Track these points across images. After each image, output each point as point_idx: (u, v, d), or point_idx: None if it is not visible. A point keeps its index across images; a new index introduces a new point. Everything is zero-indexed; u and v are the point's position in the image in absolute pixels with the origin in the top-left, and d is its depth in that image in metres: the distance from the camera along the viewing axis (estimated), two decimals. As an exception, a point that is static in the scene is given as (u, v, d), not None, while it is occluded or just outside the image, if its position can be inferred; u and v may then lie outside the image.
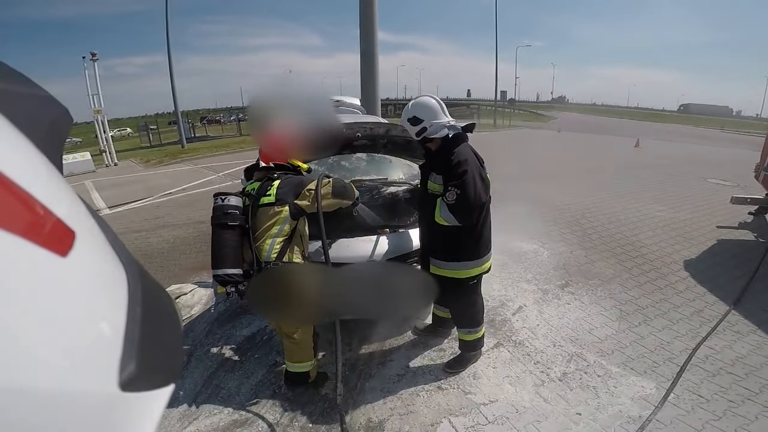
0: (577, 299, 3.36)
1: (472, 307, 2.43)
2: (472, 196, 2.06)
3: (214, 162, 12.60)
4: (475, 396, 2.32)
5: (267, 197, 2.10)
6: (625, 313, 3.15)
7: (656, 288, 3.55)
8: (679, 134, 24.69)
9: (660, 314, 3.13)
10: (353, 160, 3.54)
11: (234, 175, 9.91)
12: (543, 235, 4.74)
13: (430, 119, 2.16)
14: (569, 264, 4.02)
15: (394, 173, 3.52)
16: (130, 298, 0.42)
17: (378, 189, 3.17)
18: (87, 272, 0.37)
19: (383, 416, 2.20)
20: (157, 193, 8.34)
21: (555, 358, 2.62)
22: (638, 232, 4.95)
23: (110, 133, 14.90)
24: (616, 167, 9.77)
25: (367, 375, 2.52)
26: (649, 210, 5.91)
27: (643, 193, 6.94)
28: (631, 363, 2.57)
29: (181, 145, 18.21)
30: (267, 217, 2.11)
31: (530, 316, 3.08)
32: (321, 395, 2.36)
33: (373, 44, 10.49)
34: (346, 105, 7.54)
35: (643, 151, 13.42)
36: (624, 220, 5.42)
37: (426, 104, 2.19)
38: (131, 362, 0.37)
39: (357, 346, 2.78)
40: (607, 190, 7.21)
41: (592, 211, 5.84)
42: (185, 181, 9.67)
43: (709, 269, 3.92)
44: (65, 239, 0.34)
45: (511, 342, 2.78)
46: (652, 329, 2.93)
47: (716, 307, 3.23)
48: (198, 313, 3.29)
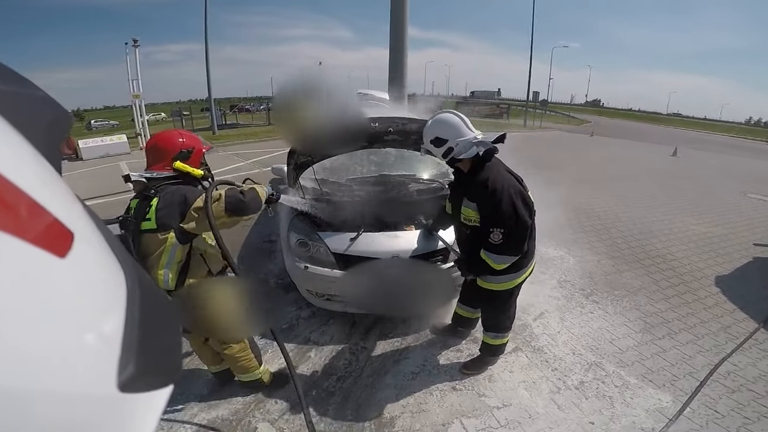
0: (601, 309, 3.29)
1: (504, 313, 2.38)
2: (517, 230, 1.92)
3: (243, 149, 12.84)
4: (489, 399, 2.32)
5: (147, 222, 1.72)
6: (650, 325, 3.07)
7: (684, 302, 3.45)
8: (721, 144, 23.48)
9: (685, 328, 3.05)
10: (382, 154, 3.55)
11: (262, 162, 10.11)
12: (570, 242, 4.64)
13: (454, 137, 1.98)
14: (595, 273, 3.92)
15: (422, 170, 3.51)
16: (129, 300, 0.42)
17: (405, 185, 3.19)
18: (85, 273, 0.37)
19: (395, 413, 2.23)
20: (188, 177, 8.63)
21: (573, 366, 2.59)
22: (670, 245, 4.77)
23: (146, 117, 15.46)
24: (651, 176, 9.38)
25: (382, 371, 2.54)
26: (683, 223, 5.68)
27: (677, 205, 6.66)
28: (651, 375, 2.52)
29: (212, 131, 18.65)
30: (153, 245, 1.75)
31: (551, 323, 3.04)
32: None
33: (402, 40, 10.48)
34: (374, 99, 7.55)
35: (680, 160, 12.84)
36: (656, 232, 5.23)
37: (447, 121, 2.02)
38: (130, 363, 0.37)
39: (373, 341, 2.81)
40: (641, 199, 6.96)
41: (623, 221, 5.66)
42: (215, 166, 9.71)
43: (741, 286, 3.76)
44: (63, 240, 0.34)
45: (530, 347, 2.76)
46: (675, 343, 2.86)
47: (745, 324, 3.13)
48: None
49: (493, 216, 1.94)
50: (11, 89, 0.40)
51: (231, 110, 29.49)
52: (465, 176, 2.08)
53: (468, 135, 1.97)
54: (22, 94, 0.42)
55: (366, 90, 7.95)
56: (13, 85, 0.41)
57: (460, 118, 2.01)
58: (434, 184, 3.26)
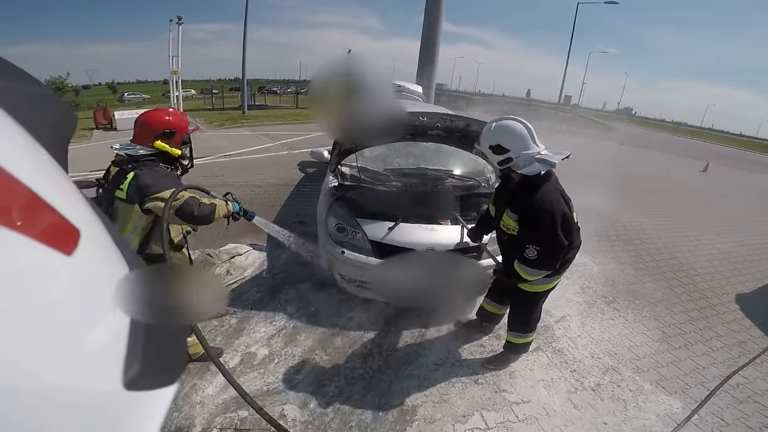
0: (622, 316, 3.36)
1: (532, 314, 2.43)
2: (552, 250, 1.92)
3: (271, 131, 13.01)
4: (509, 394, 2.40)
5: (120, 191, 1.87)
6: (668, 335, 3.15)
7: (702, 316, 3.52)
8: (756, 163, 22.56)
9: (702, 341, 3.14)
10: (420, 148, 3.61)
11: (291, 145, 10.23)
12: (595, 250, 4.67)
13: (518, 149, 1.86)
14: (618, 281, 3.97)
15: (459, 167, 3.55)
16: None
17: (442, 180, 3.25)
18: (92, 271, 0.37)
19: (417, 402, 2.30)
20: (218, 154, 8.82)
21: (591, 368, 2.68)
22: (694, 261, 4.77)
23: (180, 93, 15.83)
24: (680, 190, 9.23)
25: (406, 360, 2.62)
26: (708, 240, 5.64)
27: (705, 222, 6.58)
28: (664, 382, 2.62)
29: (242, 111, 18.73)
30: (122, 212, 1.91)
31: (572, 326, 3.12)
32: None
33: (435, 32, 10.46)
34: (408, 91, 7.50)
35: (711, 176, 12.47)
36: (681, 247, 5.22)
37: (514, 130, 1.88)
38: (135, 362, 0.38)
39: (398, 330, 2.90)
40: (667, 213, 6.88)
41: (648, 233, 5.64)
42: (244, 145, 10.12)
43: (761, 305, 3.81)
44: (70, 238, 0.34)
45: (550, 348, 2.84)
46: (690, 353, 2.95)
47: (760, 341, 3.21)
48: (250, 275, 3.50)
49: (531, 233, 1.92)
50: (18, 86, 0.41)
51: (259, 92, 29.75)
52: (514, 185, 2.02)
53: (532, 149, 1.87)
54: (31, 93, 0.42)
55: (401, 82, 7.92)
56: (23, 84, 0.42)
57: (527, 129, 1.88)
58: (470, 181, 3.31)
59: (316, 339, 2.77)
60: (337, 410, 2.21)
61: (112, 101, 31.65)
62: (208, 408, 2.18)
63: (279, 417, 2.14)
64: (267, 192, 5.90)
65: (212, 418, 2.12)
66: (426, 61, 10.43)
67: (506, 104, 23.92)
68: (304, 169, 7.56)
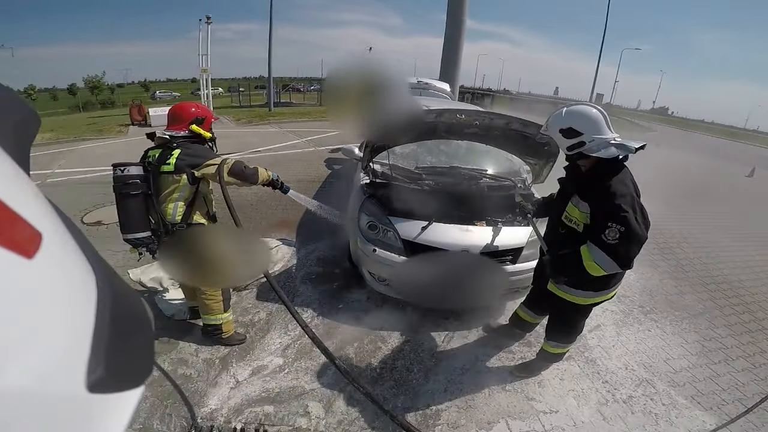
0: (659, 327, 3.22)
1: (574, 326, 2.32)
2: (637, 236, 1.71)
3: (297, 128, 13.18)
4: (537, 403, 2.34)
5: (167, 166, 2.18)
6: (707, 349, 3.00)
7: (746, 330, 3.33)
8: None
9: (743, 356, 2.97)
10: (452, 146, 3.55)
11: (317, 141, 10.31)
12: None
13: (591, 133, 1.81)
14: (656, 291, 3.80)
15: (494, 166, 3.47)
16: (99, 300, 0.41)
17: (477, 179, 3.18)
18: (54, 274, 0.37)
19: (442, 406, 2.27)
20: (247, 150, 9.05)
21: (624, 380, 2.58)
22: (739, 273, 4.50)
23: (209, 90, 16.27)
24: (724, 197, 8.67)
25: (432, 362, 2.60)
26: (756, 250, 5.29)
27: (750, 231, 6.18)
28: (700, 398, 2.51)
29: (268, 108, 19.17)
30: (167, 184, 2.22)
31: (607, 336, 3.02)
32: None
33: (459, 30, 10.41)
34: (434, 88, 7.41)
35: (757, 182, 11.66)
36: (724, 258, 4.92)
37: (588, 114, 1.83)
38: (99, 364, 0.37)
39: (426, 331, 2.86)
40: (710, 221, 6.49)
41: (689, 241, 5.37)
42: (272, 142, 10.32)
43: (809, 322, 3.53)
44: (31, 241, 0.33)
45: (582, 358, 2.76)
46: (730, 369, 2.81)
47: None
48: (279, 270, 3.57)
49: (611, 215, 1.73)
50: None
51: (284, 89, 30.26)
52: (582, 175, 1.93)
53: (607, 134, 1.81)
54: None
55: (427, 79, 7.83)
56: None
57: (602, 115, 1.83)
58: (506, 182, 3.23)
59: (343, 337, 2.78)
60: (361, 410, 2.22)
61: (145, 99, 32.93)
62: (233, 402, 2.22)
63: (303, 414, 2.17)
64: (296, 188, 5.91)
65: (236, 412, 2.16)
66: (449, 60, 10.36)
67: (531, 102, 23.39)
68: (331, 165, 7.63)
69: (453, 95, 8.50)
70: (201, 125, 2.31)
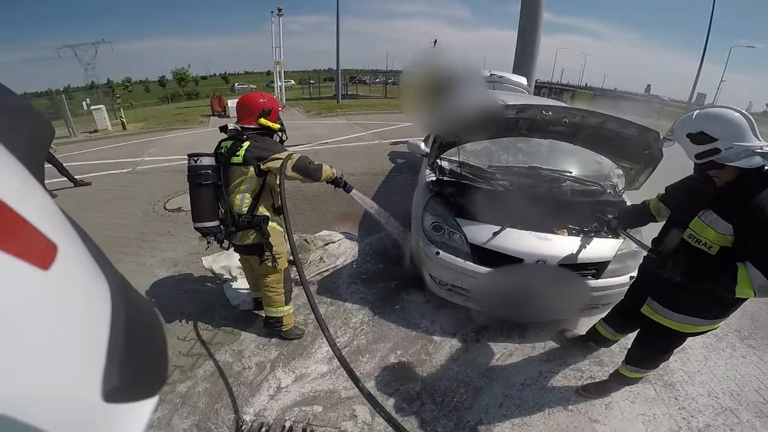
0: (756, 354, 2.78)
1: (663, 354, 2.08)
2: None
3: (363, 120, 13.32)
4: (601, 426, 2.16)
5: (236, 157, 2.22)
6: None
7: None
8: None
9: None
10: (531, 144, 3.28)
11: (381, 134, 10.34)
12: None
13: (729, 140, 1.52)
14: (758, 315, 3.25)
15: (580, 168, 3.15)
16: (114, 311, 0.42)
17: (559, 182, 2.91)
18: (69, 285, 0.37)
19: (495, 422, 2.15)
20: (316, 141, 9.33)
21: (705, 408, 2.31)
22: None
23: (282, 83, 17.03)
24: None
25: (490, 375, 2.46)
26: None
27: None
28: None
29: (336, 100, 19.72)
30: (236, 175, 2.26)
31: (692, 360, 2.68)
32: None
33: (535, 22, 9.96)
34: (510, 82, 7.08)
35: None
36: None
37: (725, 117, 1.54)
38: (114, 374, 0.37)
39: (486, 341, 2.72)
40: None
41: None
42: (340, 133, 10.53)
43: None
44: (47, 252, 0.34)
45: (660, 381, 2.48)
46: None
47: None
48: (341, 264, 3.57)
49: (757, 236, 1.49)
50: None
51: (351, 81, 30.84)
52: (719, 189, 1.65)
53: (752, 142, 1.52)
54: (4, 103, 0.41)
55: (501, 72, 7.44)
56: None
57: (747, 120, 1.54)
58: (594, 186, 2.92)
59: (398, 340, 2.72)
60: (408, 419, 2.15)
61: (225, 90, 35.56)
62: (283, 400, 2.25)
63: (350, 417, 2.15)
64: (360, 180, 6.00)
65: (286, 410, 2.19)
66: (525, 52, 9.97)
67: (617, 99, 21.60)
68: (394, 159, 7.60)
69: (529, 89, 8.05)
70: (269, 117, 2.34)
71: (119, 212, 5.04)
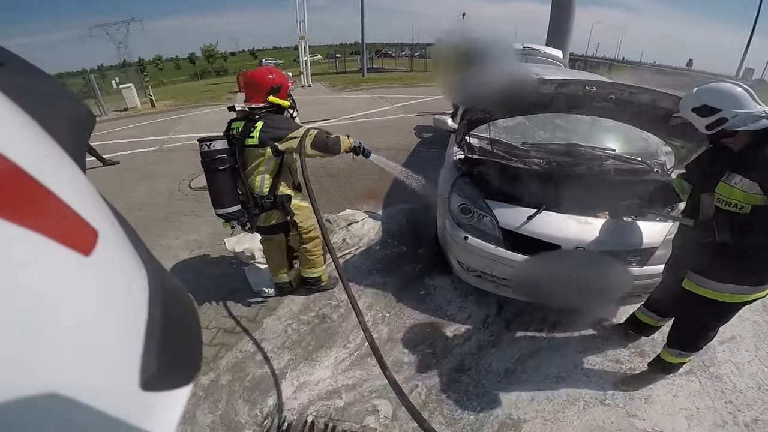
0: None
1: (707, 331, 1.97)
2: None
3: (388, 93, 13.01)
4: (640, 421, 2.02)
5: (251, 138, 2.16)
6: None
7: None
8: None
9: None
10: (570, 120, 3.00)
11: (407, 108, 10.06)
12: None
13: (731, 108, 1.63)
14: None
15: (624, 145, 2.87)
16: (151, 298, 0.42)
17: (601, 161, 2.66)
18: (109, 271, 0.37)
19: (525, 416, 2.04)
20: (341, 116, 9.18)
21: (753, 401, 2.15)
22: None
23: (308, 57, 16.79)
24: None
25: (522, 365, 2.33)
26: None
27: None
28: None
29: (361, 74, 19.55)
30: (253, 157, 2.21)
31: (741, 350, 2.48)
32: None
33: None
34: (544, 55, 6.70)
35: None
36: None
37: (723, 89, 1.66)
38: (152, 363, 0.37)
39: (517, 330, 2.58)
40: None
41: None
42: (364, 108, 10.33)
43: None
44: (88, 238, 0.34)
45: (707, 373, 2.31)
46: None
47: None
48: (365, 246, 3.48)
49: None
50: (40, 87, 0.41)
51: (376, 55, 30.14)
52: (736, 153, 1.70)
53: (753, 108, 1.61)
54: (48, 91, 0.42)
55: (534, 45, 7.03)
56: (39, 82, 0.42)
57: (744, 90, 1.64)
58: (639, 165, 2.66)
59: (422, 327, 2.61)
60: (432, 412, 2.07)
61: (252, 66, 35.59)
62: (305, 394, 2.20)
63: (372, 412, 2.09)
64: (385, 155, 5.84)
65: (309, 404, 2.14)
66: (559, 25, 9.55)
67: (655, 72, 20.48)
68: (420, 134, 7.37)
69: (565, 62, 7.60)
70: (278, 94, 2.25)
71: (146, 192, 5.12)
